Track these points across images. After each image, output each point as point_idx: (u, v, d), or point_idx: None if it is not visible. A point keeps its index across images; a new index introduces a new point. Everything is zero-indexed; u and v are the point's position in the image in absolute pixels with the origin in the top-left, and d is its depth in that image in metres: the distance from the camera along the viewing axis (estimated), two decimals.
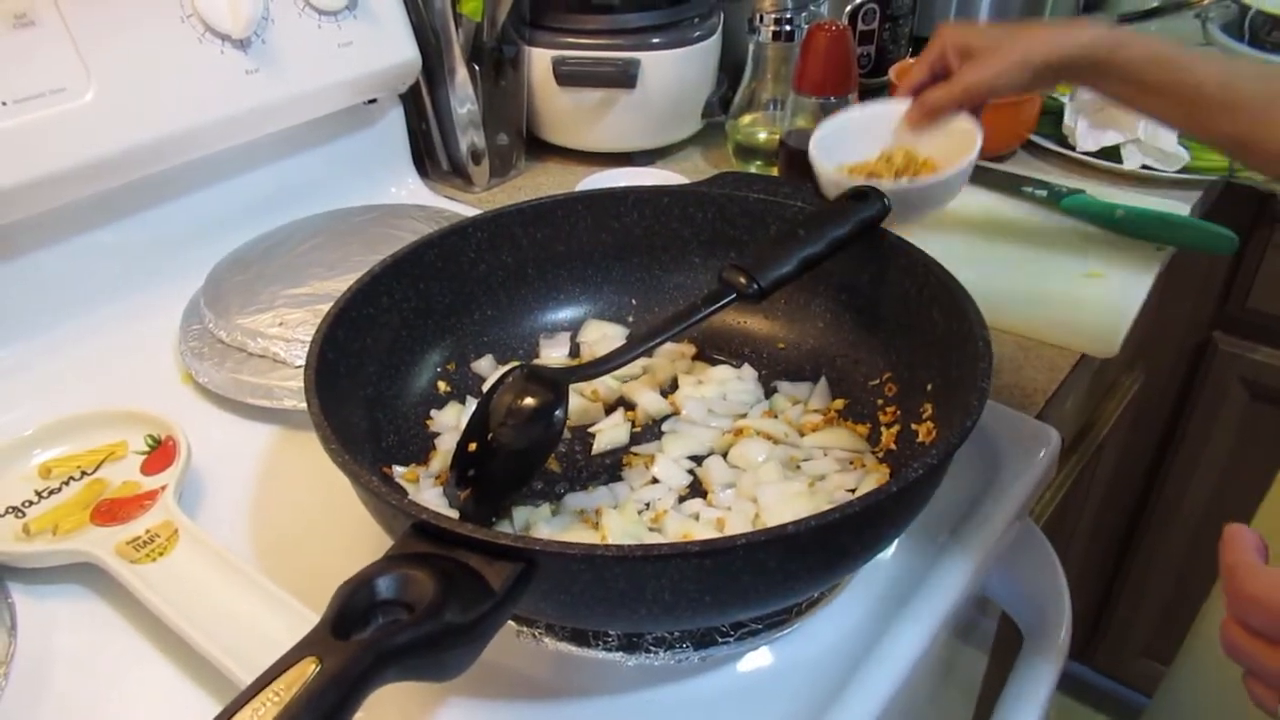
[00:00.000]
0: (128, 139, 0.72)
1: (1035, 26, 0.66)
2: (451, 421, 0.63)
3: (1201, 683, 0.81)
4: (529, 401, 0.54)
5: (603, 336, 0.70)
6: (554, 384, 0.55)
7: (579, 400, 0.66)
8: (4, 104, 0.65)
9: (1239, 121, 0.61)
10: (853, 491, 0.57)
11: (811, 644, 0.52)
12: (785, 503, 0.55)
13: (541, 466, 0.57)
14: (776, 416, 0.64)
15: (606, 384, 0.67)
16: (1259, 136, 0.61)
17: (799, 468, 0.59)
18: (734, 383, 0.67)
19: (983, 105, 0.69)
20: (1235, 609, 0.37)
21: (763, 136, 1.01)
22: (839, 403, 0.64)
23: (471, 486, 0.55)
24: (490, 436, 0.55)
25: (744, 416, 0.64)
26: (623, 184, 0.82)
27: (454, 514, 0.54)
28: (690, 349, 0.70)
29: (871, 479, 0.58)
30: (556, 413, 0.55)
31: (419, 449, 0.62)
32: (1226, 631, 0.38)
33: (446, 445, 0.61)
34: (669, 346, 0.70)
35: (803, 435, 0.62)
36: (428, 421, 0.63)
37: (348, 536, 0.57)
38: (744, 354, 0.70)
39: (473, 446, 0.55)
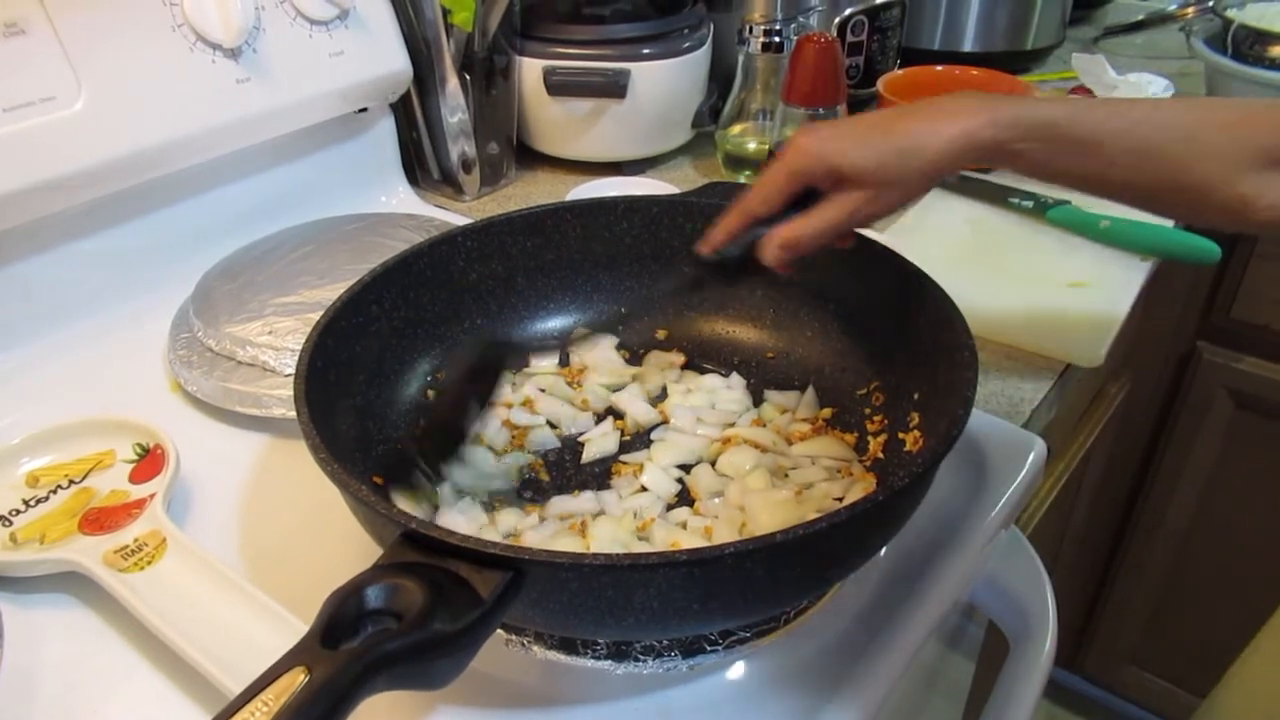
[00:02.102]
0: (118, 147, 0.72)
1: (911, 121, 0.54)
2: None
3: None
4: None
5: (594, 347, 0.71)
6: None
7: (568, 409, 0.66)
8: None
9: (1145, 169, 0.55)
10: (840, 500, 0.57)
11: (799, 652, 0.52)
12: (772, 511, 0.56)
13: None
14: (765, 425, 0.64)
15: (595, 393, 0.67)
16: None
17: (787, 476, 0.60)
18: (723, 391, 0.67)
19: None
20: None
21: (752, 146, 1.01)
22: (827, 411, 0.65)
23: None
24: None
25: (732, 425, 0.64)
26: (613, 193, 0.82)
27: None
28: (679, 358, 0.71)
29: (859, 487, 0.58)
30: None
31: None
32: None
33: None
34: (658, 356, 0.71)
35: (791, 444, 0.63)
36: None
37: (337, 545, 0.57)
38: (733, 363, 0.70)
39: None
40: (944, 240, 0.90)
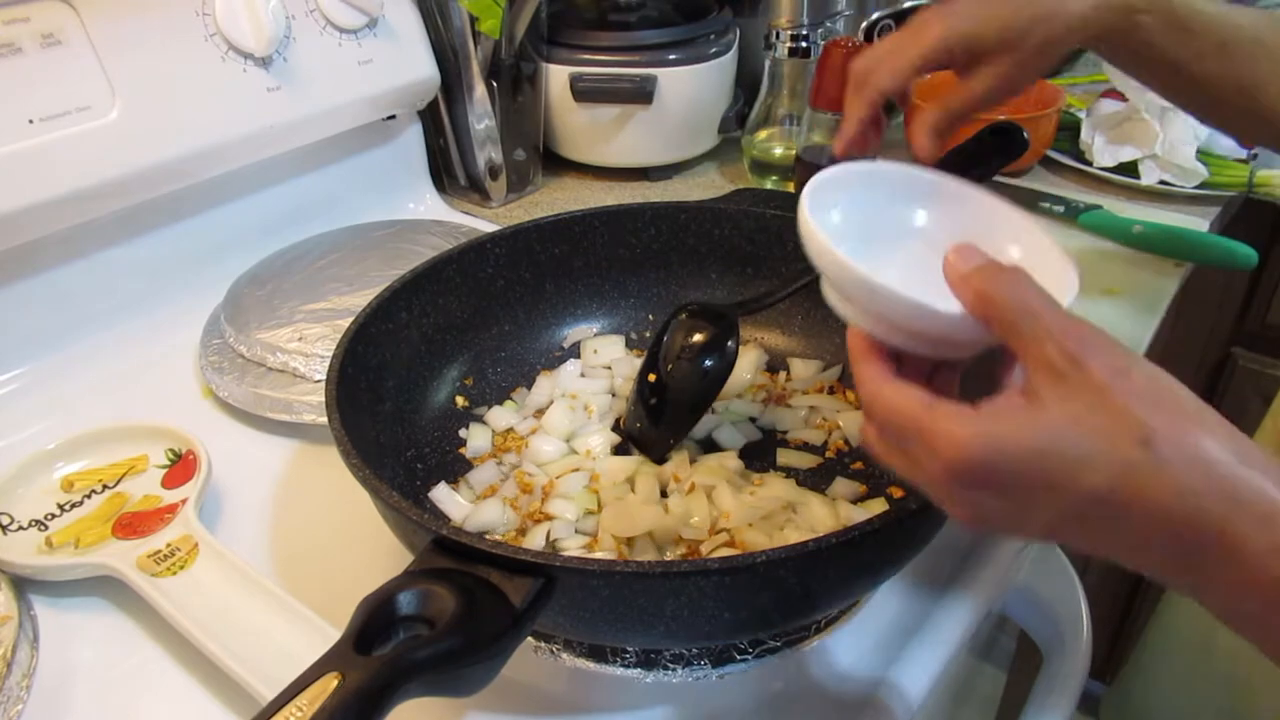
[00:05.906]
0: (151, 156, 0.73)
1: None
2: (483, 446, 0.64)
3: (1156, 675, 0.86)
4: (698, 338, 0.60)
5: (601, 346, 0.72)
6: (723, 317, 0.60)
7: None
8: (30, 122, 0.66)
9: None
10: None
11: (829, 662, 0.52)
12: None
13: (717, 394, 0.60)
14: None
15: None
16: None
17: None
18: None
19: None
20: (866, 413, 0.38)
21: (779, 152, 1.01)
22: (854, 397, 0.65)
23: (651, 416, 0.61)
24: (670, 368, 0.60)
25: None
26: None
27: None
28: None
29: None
30: (729, 344, 0.60)
31: (438, 463, 0.62)
32: (863, 432, 0.39)
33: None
34: None
35: (805, 395, 0.66)
36: (461, 449, 0.64)
37: (367, 551, 0.57)
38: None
39: (653, 376, 0.60)
40: None
